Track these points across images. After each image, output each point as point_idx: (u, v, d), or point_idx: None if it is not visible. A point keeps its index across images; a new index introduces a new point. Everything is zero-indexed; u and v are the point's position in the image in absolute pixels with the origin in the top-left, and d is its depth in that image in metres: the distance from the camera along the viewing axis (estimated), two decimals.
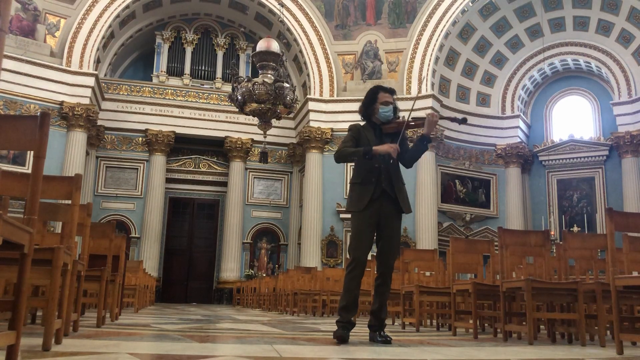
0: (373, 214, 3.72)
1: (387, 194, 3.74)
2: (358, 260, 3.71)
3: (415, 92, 15.90)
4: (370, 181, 3.75)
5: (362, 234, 3.73)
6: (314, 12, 16.87)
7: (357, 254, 3.71)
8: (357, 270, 3.71)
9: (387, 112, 3.85)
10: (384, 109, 3.85)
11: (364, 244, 3.72)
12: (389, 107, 3.85)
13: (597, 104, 17.25)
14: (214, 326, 4.98)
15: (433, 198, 15.43)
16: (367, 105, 3.93)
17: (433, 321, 6.46)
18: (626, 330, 3.92)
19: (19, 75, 13.99)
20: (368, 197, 3.71)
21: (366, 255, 3.77)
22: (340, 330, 3.53)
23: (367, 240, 3.74)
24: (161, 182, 16.94)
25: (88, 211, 3.76)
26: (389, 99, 3.87)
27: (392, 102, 3.87)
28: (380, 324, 3.66)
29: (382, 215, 3.74)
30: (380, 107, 3.85)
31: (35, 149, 2.05)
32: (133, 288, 8.71)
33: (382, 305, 3.73)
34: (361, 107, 3.98)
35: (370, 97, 3.92)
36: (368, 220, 3.73)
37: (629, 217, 3.54)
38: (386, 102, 3.85)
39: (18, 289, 1.98)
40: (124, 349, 2.72)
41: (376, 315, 3.70)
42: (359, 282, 3.73)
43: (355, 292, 3.71)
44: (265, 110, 7.87)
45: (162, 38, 18.02)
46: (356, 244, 3.74)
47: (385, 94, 3.89)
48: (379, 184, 3.73)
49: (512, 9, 16.55)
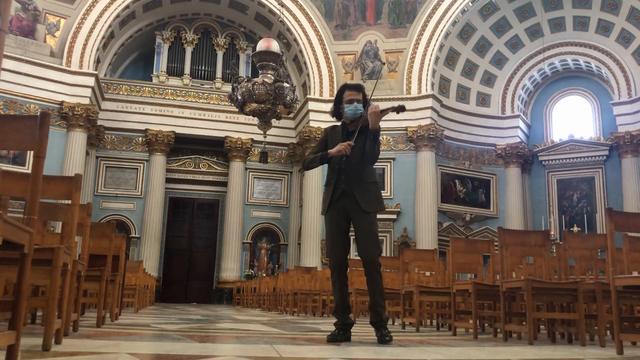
0: (338, 214, 3.78)
1: (347, 193, 3.77)
2: (334, 261, 3.80)
3: (415, 92, 15.91)
4: (330, 183, 3.83)
5: (333, 236, 3.82)
6: (314, 12, 16.86)
7: (331, 256, 3.83)
8: (335, 271, 3.80)
9: (351, 110, 3.84)
10: (348, 107, 3.86)
11: (336, 245, 3.80)
12: (352, 104, 3.84)
13: (597, 104, 17.25)
14: (214, 326, 4.98)
15: (433, 198, 15.43)
16: (335, 106, 3.97)
17: (433, 321, 6.46)
18: (626, 330, 3.92)
19: (19, 75, 13.98)
20: (329, 199, 3.80)
21: (341, 256, 3.79)
22: (332, 334, 3.60)
23: (339, 240, 3.79)
24: (161, 182, 16.94)
25: (88, 211, 3.76)
26: (354, 96, 3.86)
27: (357, 99, 3.85)
28: (377, 320, 3.63)
29: (350, 212, 3.78)
30: (345, 105, 3.87)
31: (35, 149, 2.05)
32: (133, 288, 8.71)
33: (374, 299, 3.70)
34: (331, 108, 4.04)
35: (337, 97, 3.97)
36: (334, 221, 3.80)
37: (629, 217, 3.54)
38: (350, 100, 3.85)
39: (18, 289, 1.97)
40: (124, 349, 2.71)
41: (371, 310, 3.74)
42: (342, 283, 3.79)
43: (341, 293, 3.76)
44: (265, 110, 7.86)
45: (162, 38, 18.02)
46: (330, 246, 3.87)
47: (351, 92, 3.88)
48: (339, 184, 3.78)
49: (512, 9, 16.55)
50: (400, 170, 15.68)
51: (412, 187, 15.54)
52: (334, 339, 3.52)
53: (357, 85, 3.97)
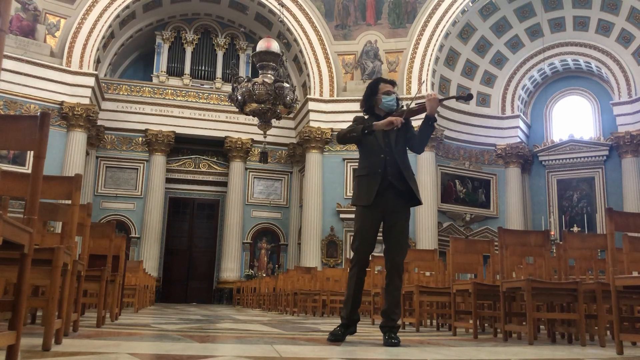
0: (378, 210, 3.62)
1: (393, 186, 3.62)
2: (359, 258, 3.63)
3: (415, 92, 15.91)
4: (376, 172, 3.61)
5: (366, 232, 3.63)
6: (314, 12, 16.86)
7: (358, 252, 3.63)
8: (357, 267, 3.64)
9: (391, 101, 3.76)
10: (387, 98, 3.76)
11: (366, 242, 3.62)
12: (392, 96, 3.77)
13: (597, 104, 17.25)
14: (214, 326, 4.98)
15: (433, 198, 15.43)
16: (368, 97, 3.85)
17: (433, 321, 6.46)
18: (626, 330, 3.92)
19: (19, 75, 13.98)
20: (375, 191, 3.58)
21: (368, 254, 3.68)
22: (334, 333, 3.52)
23: (370, 238, 3.63)
24: (161, 182, 16.95)
25: (88, 211, 3.76)
26: (391, 89, 3.81)
27: (394, 92, 3.80)
28: (390, 326, 3.50)
29: (387, 210, 3.63)
30: (383, 96, 3.77)
31: (35, 149, 2.05)
32: (133, 288, 8.71)
33: (392, 306, 3.56)
34: (362, 101, 3.90)
35: (371, 89, 3.84)
36: (373, 217, 3.63)
37: (629, 217, 3.54)
38: (388, 92, 3.78)
39: (18, 289, 1.97)
40: (124, 349, 2.71)
41: (385, 316, 3.57)
42: (360, 280, 3.65)
43: (356, 288, 3.63)
44: (265, 110, 7.86)
45: (162, 38, 18.02)
46: (359, 242, 3.64)
47: (387, 85, 3.82)
48: (385, 176, 3.61)
49: (512, 9, 16.56)
50: None
51: None
52: (336, 338, 3.47)
53: (392, 81, 3.92)
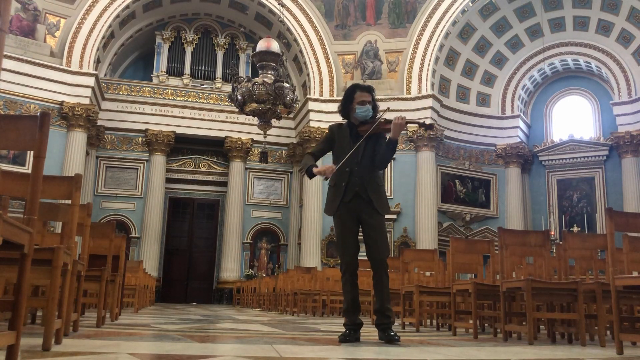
0: (349, 216, 3.76)
1: (359, 196, 3.75)
2: (345, 262, 3.78)
3: (415, 92, 15.91)
4: (340, 185, 3.76)
5: (345, 237, 3.79)
6: (314, 12, 16.86)
7: (342, 258, 3.80)
8: (348, 273, 3.77)
9: (364, 112, 3.79)
10: (361, 108, 3.79)
11: (347, 246, 3.77)
12: (365, 106, 3.79)
13: (597, 104, 17.25)
14: (214, 326, 4.98)
15: (433, 198, 15.43)
16: (344, 105, 3.90)
17: (433, 321, 6.46)
18: (626, 330, 3.92)
19: (19, 75, 13.98)
20: (339, 201, 3.75)
21: (352, 256, 3.78)
22: (343, 334, 3.60)
23: (350, 241, 3.77)
24: (161, 182, 16.94)
25: (88, 211, 3.76)
26: (366, 98, 3.81)
27: (369, 101, 3.81)
28: (385, 322, 3.62)
29: (360, 213, 3.76)
30: (357, 107, 3.80)
31: (35, 149, 2.05)
32: (133, 288, 8.71)
33: (383, 302, 3.69)
34: (339, 107, 3.96)
35: (347, 97, 3.87)
36: (345, 222, 3.77)
37: (629, 217, 3.54)
38: (362, 102, 3.80)
39: (18, 289, 1.97)
40: (124, 349, 2.72)
41: (379, 313, 3.71)
42: (353, 283, 3.77)
43: (353, 294, 3.75)
44: (265, 110, 7.87)
45: (162, 38, 18.01)
46: (342, 248, 3.82)
47: (363, 93, 3.82)
48: (351, 187, 3.74)
49: (512, 9, 16.56)
50: (400, 170, 15.68)
51: (412, 187, 15.54)
52: (346, 340, 3.52)
53: (368, 87, 3.91)
